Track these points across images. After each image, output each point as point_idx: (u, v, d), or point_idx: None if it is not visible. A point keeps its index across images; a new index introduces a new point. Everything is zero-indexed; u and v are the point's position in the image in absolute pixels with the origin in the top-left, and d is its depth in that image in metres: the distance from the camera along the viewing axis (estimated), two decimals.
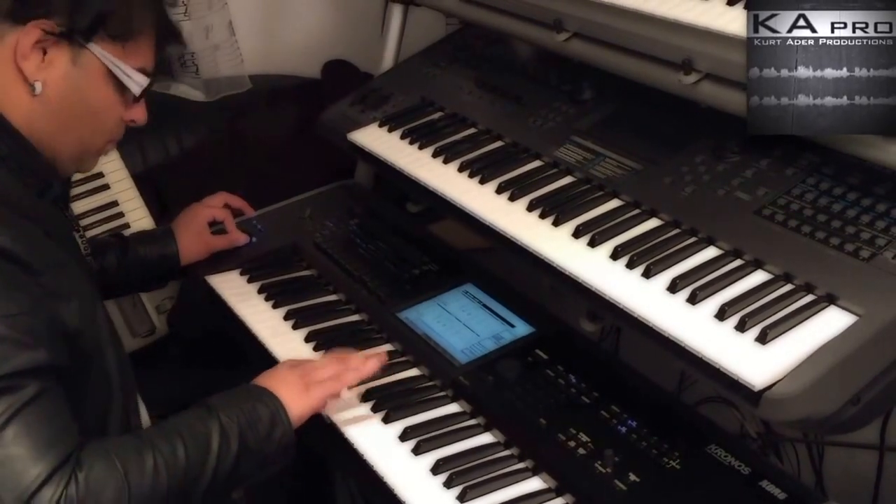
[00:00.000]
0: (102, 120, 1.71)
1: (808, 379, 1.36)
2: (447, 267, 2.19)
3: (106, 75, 1.65)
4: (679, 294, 1.56)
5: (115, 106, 1.70)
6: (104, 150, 1.78)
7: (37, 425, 1.42)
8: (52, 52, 1.59)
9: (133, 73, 1.67)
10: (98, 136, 1.73)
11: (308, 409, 1.72)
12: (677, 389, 2.15)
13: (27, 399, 1.42)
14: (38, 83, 1.59)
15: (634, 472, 1.59)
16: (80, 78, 1.63)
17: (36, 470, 1.40)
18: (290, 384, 1.72)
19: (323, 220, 2.42)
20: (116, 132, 1.76)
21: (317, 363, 1.80)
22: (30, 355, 1.44)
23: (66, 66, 1.61)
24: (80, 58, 1.62)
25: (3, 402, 1.41)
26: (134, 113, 1.75)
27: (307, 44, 3.28)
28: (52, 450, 1.42)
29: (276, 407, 1.67)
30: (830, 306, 1.46)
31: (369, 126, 2.31)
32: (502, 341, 1.94)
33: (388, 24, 2.62)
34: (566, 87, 2.13)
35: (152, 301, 2.51)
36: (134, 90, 1.69)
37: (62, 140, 1.67)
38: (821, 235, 1.54)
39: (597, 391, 1.77)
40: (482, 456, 1.70)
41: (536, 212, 1.83)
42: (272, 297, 2.16)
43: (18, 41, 1.57)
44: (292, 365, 1.78)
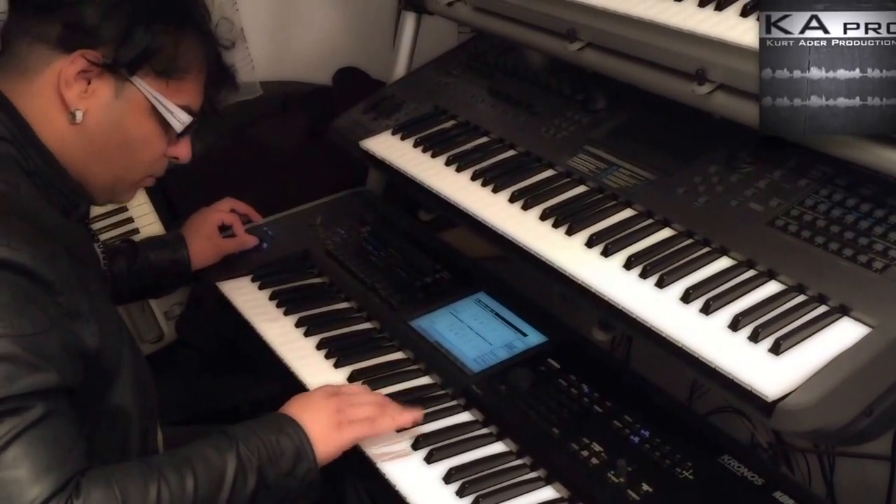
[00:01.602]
0: (140, 154, 1.69)
1: (822, 390, 1.37)
2: (459, 275, 2.19)
3: (148, 110, 1.64)
4: (692, 304, 1.57)
5: (156, 141, 1.68)
6: (141, 184, 1.76)
7: (38, 448, 1.39)
8: (96, 82, 1.59)
9: (176, 110, 1.66)
10: (134, 170, 1.71)
11: (337, 448, 1.66)
12: (688, 399, 2.15)
13: (31, 421, 1.39)
14: (78, 112, 1.59)
15: (648, 482, 1.59)
16: (121, 110, 1.62)
17: (33, 493, 1.37)
18: (321, 418, 1.66)
19: (334, 228, 2.43)
20: (156, 167, 1.75)
21: (354, 398, 1.73)
22: (39, 377, 1.41)
23: (109, 98, 1.61)
24: (124, 90, 1.61)
25: (7, 424, 1.38)
26: (177, 150, 1.74)
27: (319, 51, 3.29)
28: (51, 474, 1.39)
29: (301, 441, 1.61)
30: (843, 317, 1.47)
31: (382, 134, 2.31)
32: (515, 350, 1.94)
33: (401, 32, 2.62)
34: (579, 97, 2.14)
35: (161, 307, 2.52)
36: (176, 127, 1.67)
37: (95, 170, 1.65)
38: (834, 246, 1.55)
39: (609, 401, 1.77)
40: (495, 465, 1.70)
41: (550, 221, 1.83)
42: (284, 304, 2.17)
43: (63, 69, 1.57)
44: (329, 394, 1.72)
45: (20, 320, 1.41)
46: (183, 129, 1.69)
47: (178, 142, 1.72)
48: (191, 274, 2.28)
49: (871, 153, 1.54)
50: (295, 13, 3.28)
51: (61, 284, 1.48)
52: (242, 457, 1.55)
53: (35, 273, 1.44)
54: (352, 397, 1.73)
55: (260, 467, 1.55)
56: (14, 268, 1.42)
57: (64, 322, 1.48)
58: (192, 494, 1.49)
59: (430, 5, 2.48)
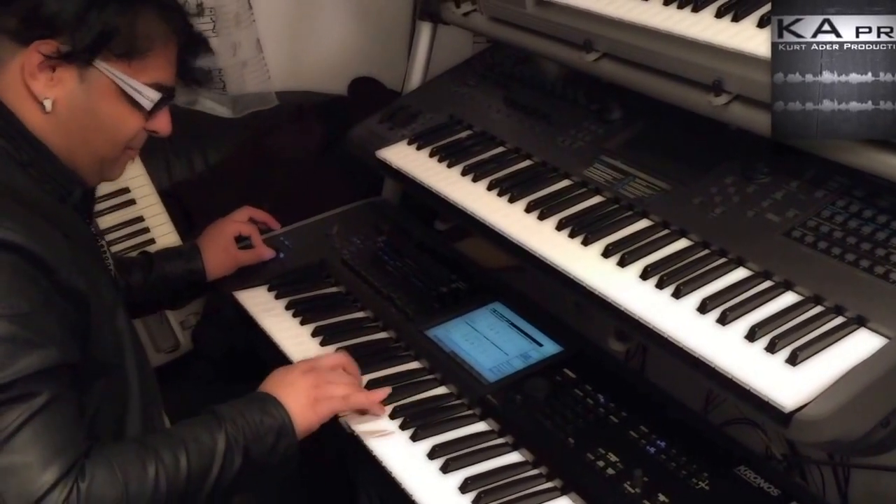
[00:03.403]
0: (116, 133, 1.71)
1: (838, 401, 1.37)
2: (475, 285, 2.19)
3: (116, 92, 1.66)
4: (709, 315, 1.57)
5: (130, 120, 1.70)
6: (124, 159, 1.78)
7: (46, 434, 1.45)
8: (60, 70, 1.61)
9: (143, 89, 1.67)
10: (114, 148, 1.73)
11: (314, 423, 1.75)
12: (703, 410, 2.15)
13: (38, 407, 1.45)
14: (47, 101, 1.62)
15: (664, 492, 1.59)
16: (88, 95, 1.64)
17: (44, 477, 1.43)
18: (299, 395, 1.74)
19: (350, 237, 2.44)
20: (135, 142, 1.76)
21: (329, 375, 1.81)
22: (40, 355, 1.46)
23: (74, 84, 1.63)
24: (88, 76, 1.63)
25: (16, 410, 1.43)
26: (156, 124, 1.75)
27: (334, 61, 3.30)
28: (60, 458, 1.45)
29: (283, 420, 1.69)
30: (860, 329, 1.47)
31: (398, 144, 2.32)
32: (530, 360, 1.94)
33: (417, 42, 2.63)
34: (595, 107, 2.14)
35: (177, 317, 2.52)
36: (144, 105, 1.69)
37: (78, 153, 1.68)
38: (851, 258, 1.55)
39: (625, 411, 1.77)
40: (511, 475, 1.70)
41: (566, 231, 1.84)
42: (300, 314, 2.17)
43: (25, 61, 1.60)
44: (305, 370, 1.80)
45: (16, 300, 1.46)
46: (154, 105, 1.70)
47: (155, 116, 1.73)
48: (206, 284, 2.29)
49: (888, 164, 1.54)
50: (310, 24, 3.29)
51: (56, 263, 1.52)
52: (230, 437, 1.62)
53: (29, 252, 1.48)
54: (327, 374, 1.81)
55: (246, 446, 1.64)
56: (8, 247, 1.47)
57: (59, 299, 1.52)
58: (185, 473, 1.57)
59: (445, 15, 2.49)
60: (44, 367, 1.46)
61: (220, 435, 1.62)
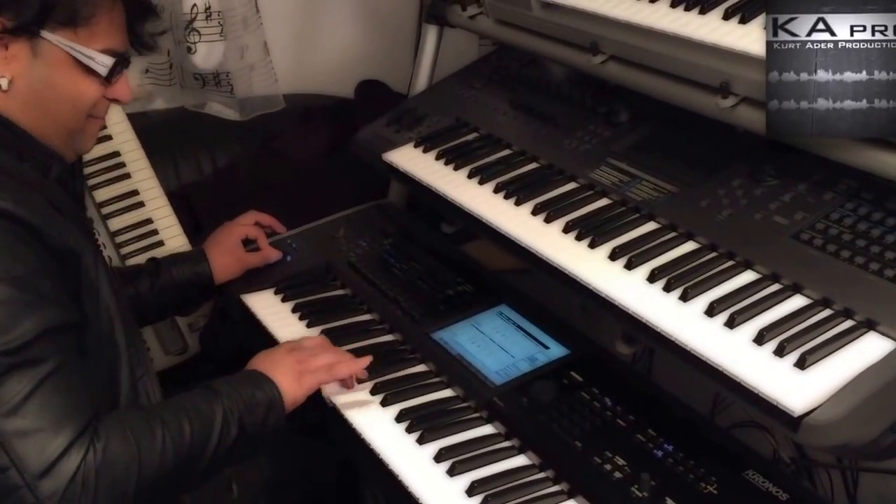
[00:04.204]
0: (76, 103, 1.71)
1: (848, 405, 1.36)
2: (481, 288, 2.19)
3: (69, 62, 1.67)
4: (717, 318, 1.56)
5: (89, 89, 1.71)
6: (91, 128, 1.79)
7: (57, 397, 1.48)
8: (12, 46, 1.63)
9: (96, 55, 1.68)
10: (77, 118, 1.73)
11: (300, 396, 1.81)
12: (711, 413, 2.14)
13: (47, 372, 1.48)
14: (3, 80, 1.63)
15: (672, 496, 1.58)
16: (43, 67, 1.66)
17: (58, 441, 1.46)
18: (286, 371, 1.80)
19: (357, 240, 2.43)
20: (98, 110, 1.77)
21: (312, 350, 1.88)
22: (41, 315, 1.49)
23: (28, 59, 1.65)
24: (39, 48, 1.64)
25: (25, 376, 1.46)
26: (115, 91, 1.76)
27: (340, 64, 3.30)
28: (71, 420, 1.48)
29: (273, 394, 1.75)
30: (870, 332, 1.46)
31: (404, 146, 2.32)
32: (537, 363, 1.94)
33: (423, 44, 2.63)
34: (602, 109, 2.14)
35: (185, 319, 2.52)
36: (100, 71, 1.70)
37: (44, 127, 1.69)
38: (860, 260, 1.54)
39: (633, 414, 1.76)
40: (517, 478, 1.69)
41: (572, 234, 1.83)
42: (306, 317, 2.17)
43: None
44: (289, 349, 1.88)
45: (11, 262, 1.50)
46: (109, 71, 1.71)
47: (113, 83, 1.74)
48: (214, 288, 2.29)
49: None
50: (317, 26, 3.29)
51: (45, 225, 1.56)
52: (226, 408, 1.68)
53: (19, 217, 1.52)
54: (310, 350, 1.88)
55: (240, 418, 1.69)
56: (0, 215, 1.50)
57: (52, 261, 1.56)
58: (188, 440, 1.62)
59: (452, 18, 2.49)
60: (46, 328, 1.49)
61: (217, 406, 1.67)
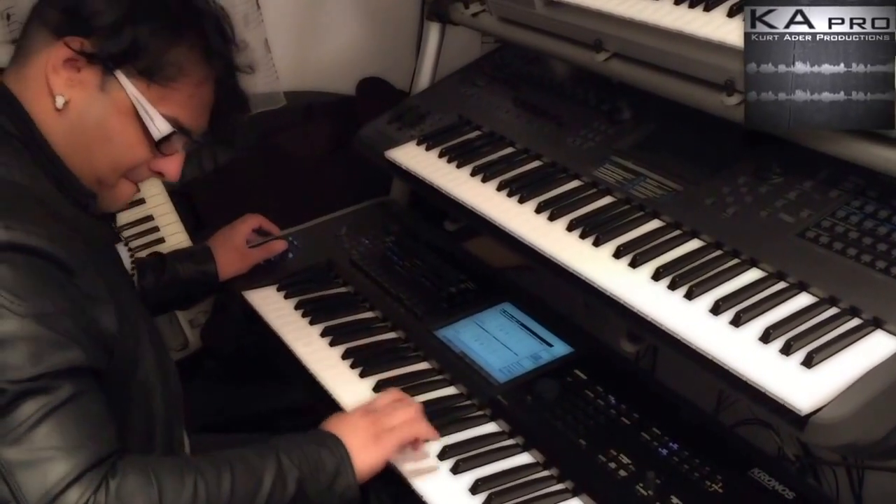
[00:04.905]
0: (119, 155, 1.62)
1: (855, 404, 1.35)
2: (484, 285, 2.19)
3: (130, 110, 1.59)
4: (722, 316, 1.55)
5: (137, 147, 1.62)
6: (122, 191, 1.68)
7: (68, 426, 1.40)
8: (85, 71, 1.57)
9: (156, 116, 1.60)
10: (113, 171, 1.64)
11: (378, 460, 1.67)
12: (714, 411, 2.14)
13: (61, 400, 1.40)
14: (60, 98, 1.57)
15: (677, 495, 1.58)
16: (103, 104, 1.59)
17: (63, 469, 1.38)
18: (360, 432, 1.67)
19: (359, 238, 2.43)
20: (136, 175, 1.68)
21: (389, 407, 1.74)
22: (65, 355, 1.42)
23: (94, 90, 1.58)
24: (108, 85, 1.58)
25: (37, 402, 1.39)
26: (163, 164, 1.67)
27: (342, 61, 3.29)
28: (82, 451, 1.40)
29: (341, 457, 1.62)
30: (877, 330, 1.46)
31: (407, 144, 2.31)
32: (540, 361, 1.93)
33: (425, 42, 2.62)
34: (605, 107, 2.13)
35: (186, 315, 2.52)
36: (153, 133, 1.60)
37: (77, 162, 1.61)
38: (866, 258, 1.54)
39: (637, 412, 1.76)
40: (521, 476, 1.69)
41: (576, 232, 1.83)
42: (309, 314, 2.16)
43: (51, 55, 1.56)
44: (364, 411, 1.72)
45: (41, 301, 1.42)
46: (164, 139, 1.62)
47: (164, 155, 1.65)
48: (218, 285, 2.28)
49: None
50: (318, 23, 3.28)
51: (78, 267, 1.49)
52: (283, 464, 1.56)
53: (53, 255, 1.45)
54: (387, 407, 1.74)
55: (300, 478, 1.56)
56: (32, 251, 1.43)
57: (83, 304, 1.49)
58: (228, 493, 1.50)
59: (454, 16, 2.48)
60: (69, 367, 1.42)
61: (269, 459, 1.55)
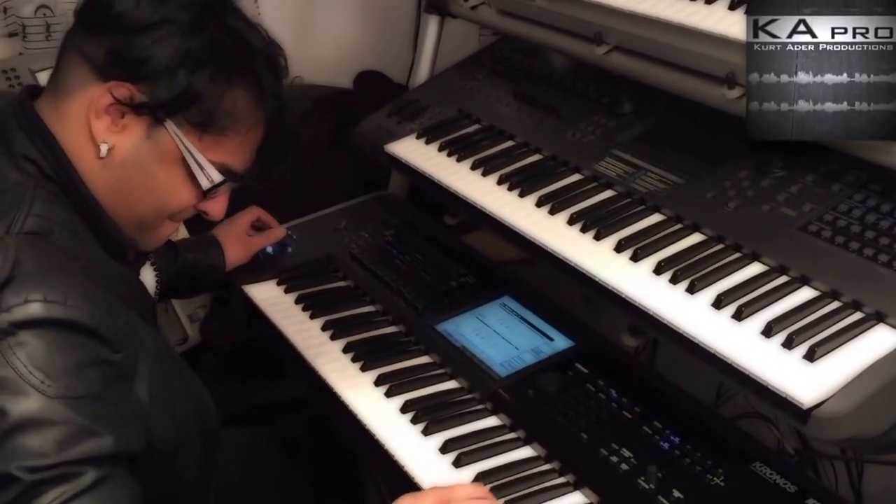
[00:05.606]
0: (165, 202, 1.55)
1: (857, 398, 1.36)
2: (485, 279, 2.18)
3: (178, 159, 1.51)
4: (724, 310, 1.56)
5: (184, 193, 1.54)
6: (164, 230, 1.63)
7: None
8: (129, 117, 1.47)
9: (207, 167, 1.52)
10: (157, 216, 1.58)
11: None
12: (714, 404, 2.14)
13: (82, 488, 1.29)
14: (104, 145, 1.47)
15: (678, 488, 1.58)
16: (149, 152, 1.49)
17: None
18: None
19: (358, 231, 2.42)
20: (180, 215, 1.61)
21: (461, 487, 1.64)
22: (94, 442, 1.32)
23: (139, 138, 1.49)
24: (156, 133, 1.49)
25: (57, 490, 1.28)
26: (210, 205, 1.60)
27: (339, 54, 3.28)
28: None
29: None
30: (879, 324, 1.46)
31: (406, 138, 2.31)
32: (541, 355, 1.93)
33: (423, 35, 2.61)
34: (605, 100, 2.13)
35: (185, 310, 2.52)
36: (203, 184, 1.53)
37: (119, 210, 1.53)
38: (869, 252, 1.54)
39: (638, 406, 1.76)
40: (523, 469, 1.69)
41: (577, 225, 1.83)
42: (309, 308, 2.16)
43: (95, 97, 1.46)
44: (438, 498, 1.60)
45: (74, 382, 1.32)
46: (213, 186, 1.55)
47: (211, 197, 1.58)
48: (224, 276, 2.27)
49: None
50: (315, 16, 3.27)
51: (119, 342, 1.40)
52: None
53: (94, 331, 1.36)
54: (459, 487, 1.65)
55: None
56: (72, 327, 1.34)
57: (119, 382, 1.40)
58: None
59: (452, 8, 2.48)
60: (97, 456, 1.32)
61: None
